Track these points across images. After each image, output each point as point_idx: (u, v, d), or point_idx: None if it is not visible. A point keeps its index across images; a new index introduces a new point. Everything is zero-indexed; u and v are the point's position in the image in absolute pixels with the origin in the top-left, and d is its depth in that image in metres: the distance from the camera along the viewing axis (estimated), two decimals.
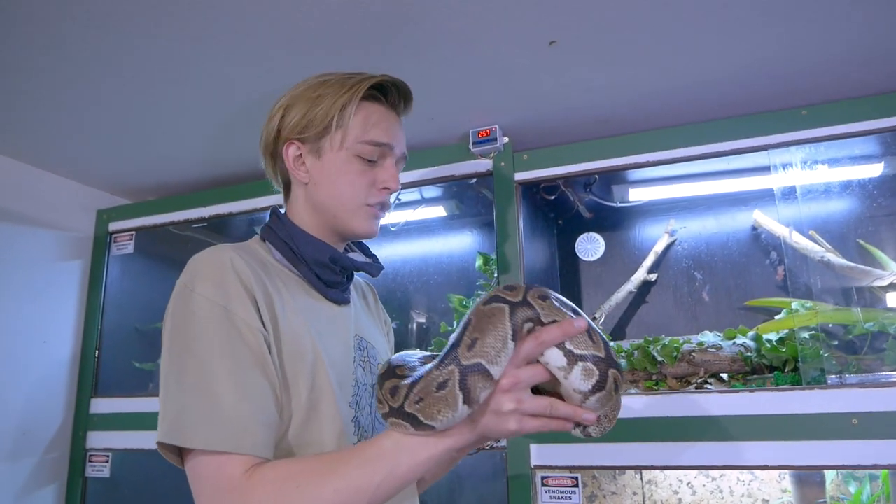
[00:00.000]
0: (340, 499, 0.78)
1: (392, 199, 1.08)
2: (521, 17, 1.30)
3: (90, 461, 2.02)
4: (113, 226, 2.20)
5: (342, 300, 1.06)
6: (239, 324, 0.85)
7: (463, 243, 2.24)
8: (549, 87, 1.60)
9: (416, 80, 1.12)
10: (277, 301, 0.92)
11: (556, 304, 0.80)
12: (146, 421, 1.96)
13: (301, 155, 1.02)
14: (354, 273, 1.10)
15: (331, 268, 1.02)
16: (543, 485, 1.55)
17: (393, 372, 0.84)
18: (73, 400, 2.09)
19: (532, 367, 0.77)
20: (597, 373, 0.76)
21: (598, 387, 0.76)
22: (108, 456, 2.00)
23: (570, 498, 1.52)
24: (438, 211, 2.16)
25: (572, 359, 0.76)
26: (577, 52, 1.44)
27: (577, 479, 1.53)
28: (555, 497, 1.53)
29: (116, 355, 2.19)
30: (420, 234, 2.25)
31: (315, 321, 0.97)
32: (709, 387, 1.57)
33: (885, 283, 1.64)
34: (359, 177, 1.01)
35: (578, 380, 0.76)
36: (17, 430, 1.93)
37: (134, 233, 2.17)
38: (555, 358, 0.77)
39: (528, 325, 0.77)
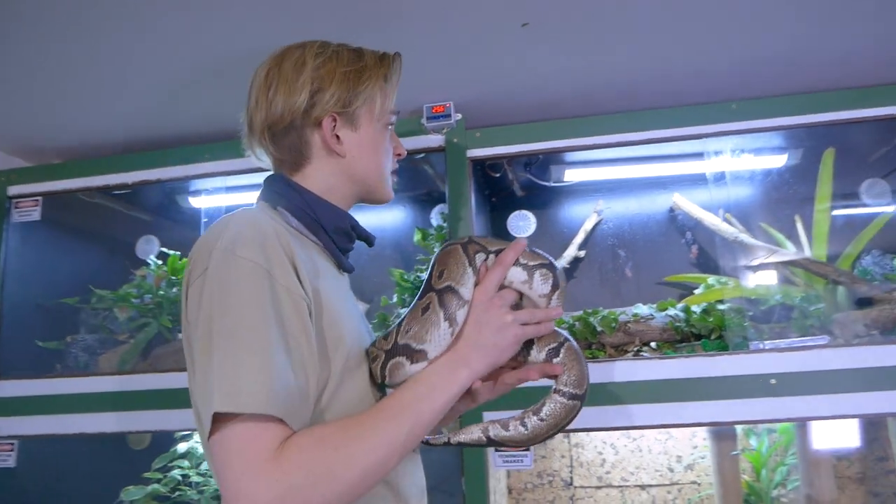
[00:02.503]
0: (375, 456, 0.80)
1: None
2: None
3: None
4: (13, 189, 2.00)
5: (350, 268, 1.07)
6: (283, 291, 0.83)
7: (399, 218, 2.26)
8: (507, 69, 1.65)
9: (372, 48, 1.13)
10: (310, 269, 0.91)
11: (493, 239, 0.99)
12: (55, 404, 1.82)
13: (335, 127, 1.02)
14: None
15: (350, 235, 1.05)
16: (496, 450, 1.62)
17: (376, 340, 0.97)
18: None
19: (506, 290, 0.95)
20: (550, 275, 0.96)
21: (555, 286, 0.96)
22: (13, 444, 1.84)
23: (522, 461, 1.61)
24: None
25: (530, 270, 0.95)
26: (541, 37, 1.50)
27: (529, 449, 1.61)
28: (507, 461, 1.61)
29: (16, 334, 2.01)
30: (358, 208, 2.23)
31: (334, 288, 0.97)
32: (644, 354, 1.71)
33: (789, 262, 1.85)
34: (389, 146, 1.09)
35: (539, 285, 0.95)
36: None
37: (41, 198, 1.98)
38: (517, 275, 0.95)
39: (480, 256, 0.95)
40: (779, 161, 1.97)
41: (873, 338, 1.63)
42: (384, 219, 2.27)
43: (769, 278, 1.87)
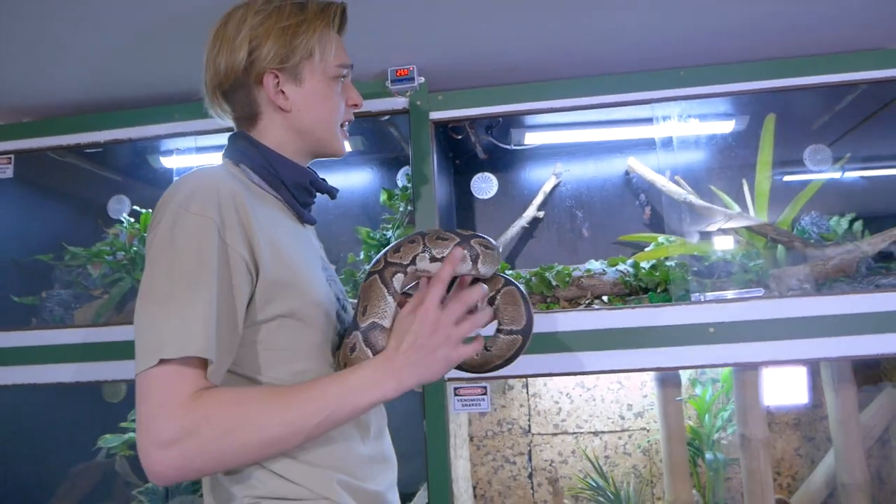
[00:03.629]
0: (280, 431, 0.85)
1: None
2: None
3: None
4: None
5: (311, 220, 1.13)
6: (226, 248, 0.88)
7: (366, 178, 2.33)
8: (467, 33, 1.71)
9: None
10: (267, 225, 0.96)
11: (407, 244, 1.00)
12: (32, 355, 1.88)
13: (279, 83, 1.05)
14: None
15: (309, 189, 1.09)
16: (455, 395, 1.73)
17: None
18: None
19: (451, 304, 0.94)
20: (466, 253, 0.98)
21: (475, 258, 0.99)
22: None
23: (479, 405, 1.72)
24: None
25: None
26: (501, 4, 1.57)
27: (485, 388, 1.72)
28: (466, 405, 1.72)
29: None
30: (326, 168, 2.30)
31: (297, 242, 1.03)
32: (595, 307, 1.82)
33: (734, 223, 1.97)
34: (338, 98, 1.10)
35: (462, 267, 0.98)
36: None
37: (13, 156, 2.02)
38: (433, 267, 0.98)
39: (399, 276, 0.98)
40: (727, 127, 2.07)
41: (805, 290, 1.76)
42: (352, 179, 2.34)
43: (718, 238, 1.99)
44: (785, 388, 2.07)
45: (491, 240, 1.03)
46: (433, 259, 0.98)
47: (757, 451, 1.73)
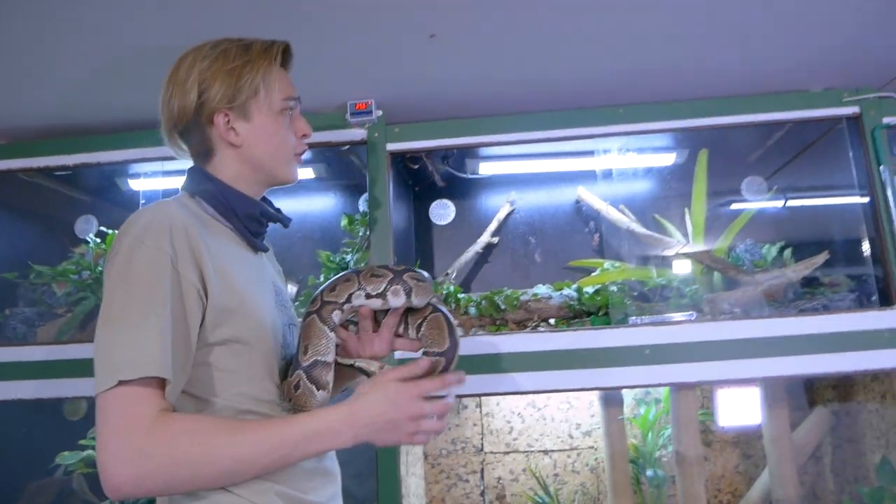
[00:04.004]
0: (236, 466, 0.92)
1: None
2: (405, 10, 1.52)
3: None
4: None
5: (263, 248, 1.19)
6: (178, 277, 0.95)
7: (328, 204, 2.42)
8: (423, 72, 1.82)
9: (302, 48, 1.23)
10: (217, 254, 1.03)
11: (343, 282, 1.09)
12: None
13: (229, 121, 1.11)
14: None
15: (259, 220, 1.16)
16: None
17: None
18: None
19: (424, 382, 1.01)
20: (400, 290, 1.08)
21: (408, 292, 1.09)
22: None
23: None
24: (307, 173, 2.31)
25: (382, 295, 1.09)
26: (449, 47, 1.68)
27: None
28: None
29: None
30: (288, 194, 2.38)
31: (246, 270, 1.10)
32: (541, 329, 1.92)
33: (672, 251, 2.09)
34: (286, 131, 1.16)
35: (394, 300, 1.08)
36: None
37: None
38: (374, 303, 1.09)
39: (336, 314, 1.07)
40: (668, 159, 2.21)
41: (735, 314, 1.88)
42: (314, 205, 2.43)
43: (660, 264, 2.11)
44: (738, 408, 2.17)
45: (422, 272, 1.12)
46: (368, 296, 1.08)
47: (691, 468, 1.83)
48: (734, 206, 2.28)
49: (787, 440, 2.02)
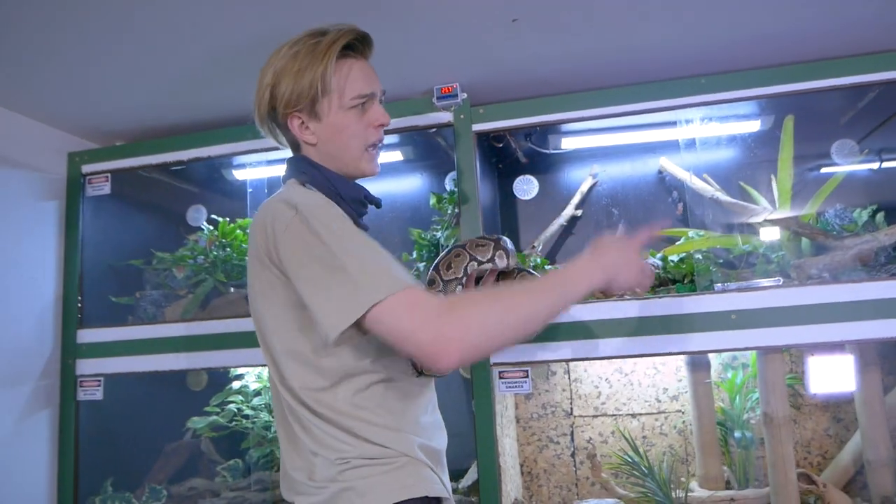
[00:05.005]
0: (528, 312, 1.03)
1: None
2: None
3: (81, 386, 2.21)
4: (86, 168, 2.33)
5: (365, 227, 1.29)
6: (346, 217, 1.11)
7: (416, 185, 2.55)
8: (505, 54, 1.91)
9: (388, 40, 1.31)
10: None
11: (454, 258, 1.30)
12: (132, 347, 2.17)
13: (303, 122, 1.19)
14: None
15: (363, 203, 1.26)
16: (500, 378, 1.93)
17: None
18: (59, 332, 2.25)
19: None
20: (503, 253, 1.32)
21: (507, 256, 1.33)
22: (99, 380, 2.20)
23: (522, 386, 1.92)
24: (395, 156, 2.45)
25: (491, 258, 1.31)
26: (530, 28, 1.76)
27: (527, 371, 1.92)
28: (510, 387, 1.92)
29: (93, 291, 2.36)
30: (377, 176, 2.53)
31: None
32: (627, 297, 1.99)
33: (759, 218, 2.10)
34: (356, 125, 1.20)
35: (500, 262, 1.30)
36: (9, 361, 2.09)
37: (109, 174, 2.31)
38: (485, 267, 1.30)
39: (458, 289, 1.26)
40: (753, 126, 2.20)
41: (824, 279, 1.89)
42: (403, 185, 2.56)
43: (746, 231, 2.13)
44: (831, 376, 2.17)
45: (509, 242, 1.31)
46: (480, 263, 1.27)
47: (779, 430, 1.87)
48: (823, 171, 2.26)
49: (879, 403, 2.03)
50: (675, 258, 2.02)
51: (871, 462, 2.01)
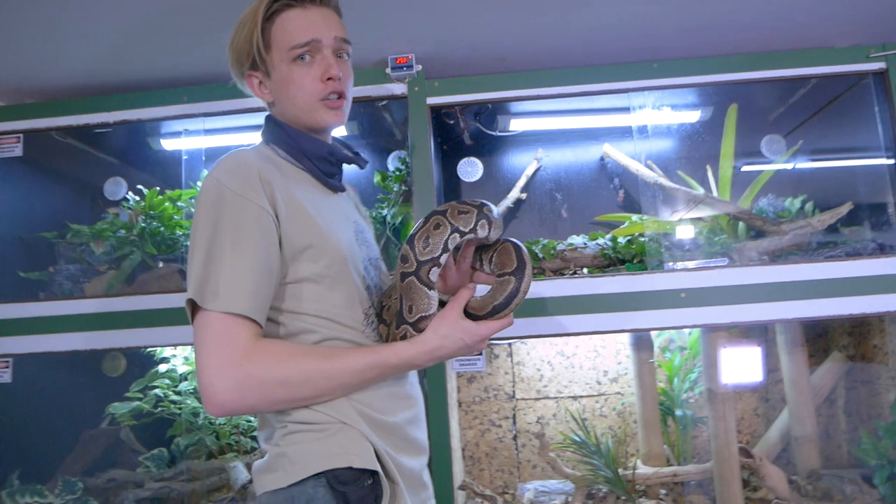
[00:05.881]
0: (325, 384, 1.03)
1: (346, 86, 1.19)
2: None
3: None
4: None
5: (339, 188, 1.25)
6: (254, 210, 1.03)
7: None
8: (462, 24, 1.87)
9: (343, 4, 1.24)
10: (291, 195, 1.10)
11: (433, 230, 1.09)
12: (46, 325, 1.97)
13: (260, 81, 1.20)
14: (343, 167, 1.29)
15: (329, 160, 1.20)
16: None
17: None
18: None
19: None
20: (485, 222, 1.11)
21: (490, 225, 1.12)
22: (8, 361, 1.99)
23: (476, 364, 1.89)
24: (340, 131, 2.36)
25: (473, 227, 1.10)
26: (491, 2, 1.73)
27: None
28: (463, 364, 1.89)
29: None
30: None
31: (325, 209, 1.16)
32: (577, 276, 2.00)
33: (700, 203, 2.17)
34: (304, 79, 1.15)
35: (482, 232, 1.11)
36: None
37: (22, 135, 2.09)
38: (467, 238, 1.11)
39: (434, 271, 1.08)
40: (693, 116, 2.28)
41: (764, 262, 1.97)
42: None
43: (688, 217, 2.19)
44: (740, 367, 2.27)
45: (494, 208, 1.15)
46: (462, 234, 1.08)
47: (722, 404, 1.93)
48: (753, 165, 2.36)
49: (805, 382, 2.14)
50: (623, 240, 2.05)
51: (797, 438, 2.12)
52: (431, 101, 2.00)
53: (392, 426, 1.13)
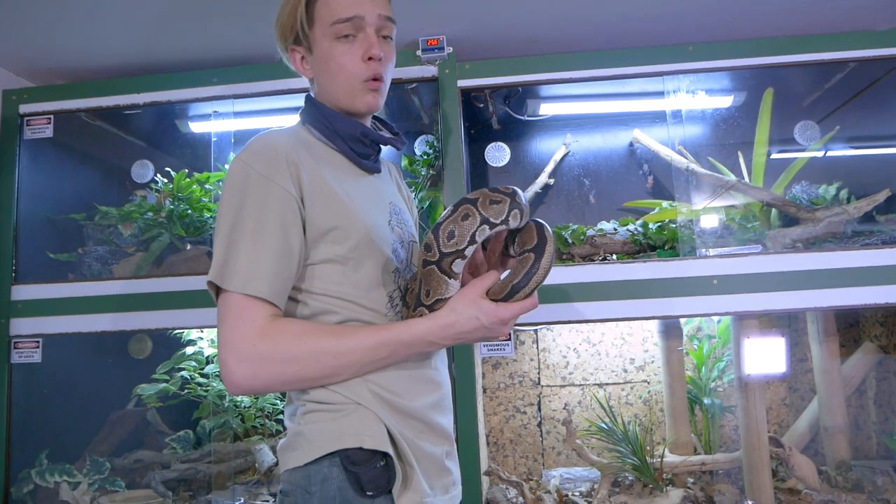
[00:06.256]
0: (336, 363, 1.02)
1: (385, 69, 1.16)
2: None
3: (16, 348, 2.00)
4: (24, 108, 2.10)
5: (374, 169, 1.22)
6: (279, 193, 1.03)
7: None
8: (492, 6, 1.85)
9: None
10: (321, 177, 1.09)
11: (461, 222, 1.03)
12: (75, 306, 1.99)
13: (303, 56, 1.18)
14: (381, 147, 1.26)
15: (363, 141, 1.17)
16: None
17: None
18: None
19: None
20: (517, 212, 1.04)
21: (522, 214, 1.06)
22: (38, 342, 2.00)
23: (504, 349, 1.88)
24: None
25: (506, 219, 1.04)
26: None
27: (510, 334, 1.87)
28: (492, 350, 1.87)
29: (30, 244, 2.14)
30: None
31: (356, 190, 1.14)
32: (607, 262, 1.98)
33: (733, 189, 2.13)
34: (344, 57, 1.12)
35: (514, 222, 1.05)
36: None
37: (52, 116, 2.10)
38: (497, 230, 1.05)
39: (458, 263, 1.03)
40: (727, 101, 2.24)
41: (797, 249, 1.94)
42: None
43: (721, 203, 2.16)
44: (764, 357, 2.24)
45: (522, 194, 1.08)
46: (492, 225, 1.02)
47: (753, 392, 1.91)
48: (788, 149, 2.32)
49: (836, 372, 2.11)
50: (653, 226, 2.03)
51: (827, 428, 2.09)
52: (462, 83, 1.98)
53: (411, 410, 1.11)
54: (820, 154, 2.26)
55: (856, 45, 1.94)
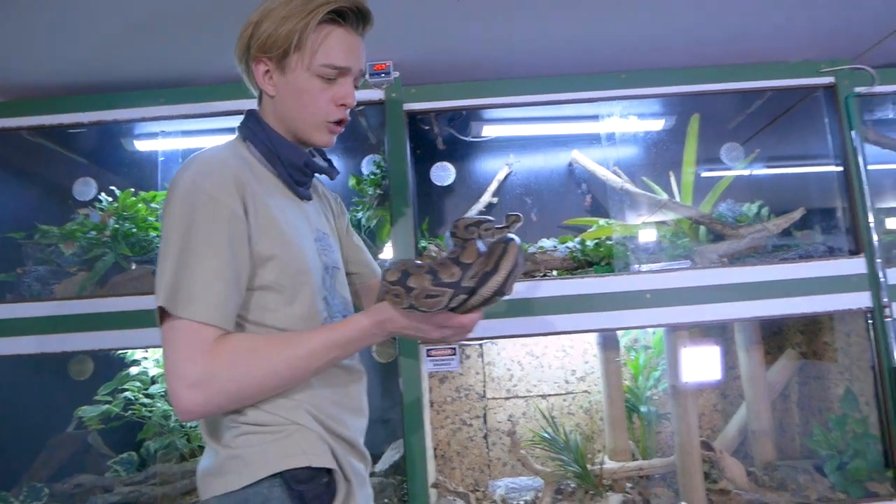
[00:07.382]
0: (290, 372, 1.02)
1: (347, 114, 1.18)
2: None
3: None
4: None
5: (306, 196, 1.23)
6: (228, 215, 1.02)
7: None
8: (438, 33, 1.92)
9: None
10: (263, 202, 1.09)
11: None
12: (15, 327, 1.95)
13: (269, 71, 1.14)
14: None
15: (303, 170, 1.18)
16: (428, 356, 1.93)
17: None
18: None
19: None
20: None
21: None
22: None
23: (450, 364, 1.94)
24: None
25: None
26: (473, 11, 1.79)
27: (454, 349, 1.94)
28: (437, 364, 1.93)
29: None
30: None
31: (291, 216, 1.15)
32: (547, 276, 2.07)
33: (664, 208, 2.26)
34: (319, 94, 1.13)
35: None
36: None
37: None
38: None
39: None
40: (658, 125, 2.38)
41: (724, 264, 2.07)
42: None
43: (653, 221, 2.29)
44: (701, 365, 2.36)
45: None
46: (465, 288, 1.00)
47: (685, 399, 2.02)
48: (717, 171, 2.48)
49: (761, 378, 2.25)
50: (591, 243, 2.13)
51: (754, 431, 2.23)
52: (408, 107, 2.05)
53: (343, 433, 1.14)
54: (746, 173, 2.42)
55: (771, 75, 2.10)
